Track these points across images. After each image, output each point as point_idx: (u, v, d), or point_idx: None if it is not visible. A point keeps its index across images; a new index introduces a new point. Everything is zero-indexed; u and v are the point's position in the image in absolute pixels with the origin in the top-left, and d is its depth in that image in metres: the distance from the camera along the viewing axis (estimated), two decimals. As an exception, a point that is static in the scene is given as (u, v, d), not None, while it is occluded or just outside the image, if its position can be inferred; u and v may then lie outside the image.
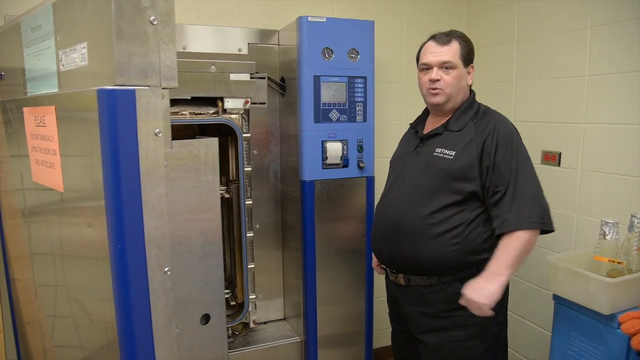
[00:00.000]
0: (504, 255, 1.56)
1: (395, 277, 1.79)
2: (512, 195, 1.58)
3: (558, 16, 2.27)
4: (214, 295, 1.23)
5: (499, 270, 1.56)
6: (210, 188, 1.18)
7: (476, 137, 1.65)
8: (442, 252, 1.64)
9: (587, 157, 2.17)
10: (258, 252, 2.33)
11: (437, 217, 1.65)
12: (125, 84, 1.01)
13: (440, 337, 1.72)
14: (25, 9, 2.04)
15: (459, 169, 1.64)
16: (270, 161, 2.37)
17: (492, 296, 1.54)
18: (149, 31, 1.02)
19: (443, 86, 1.70)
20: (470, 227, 1.65)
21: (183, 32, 2.17)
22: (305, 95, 2.10)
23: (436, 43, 1.72)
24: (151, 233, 1.06)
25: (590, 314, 1.71)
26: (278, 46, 2.30)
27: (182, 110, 2.03)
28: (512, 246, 1.55)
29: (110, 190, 1.02)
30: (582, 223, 2.20)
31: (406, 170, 1.78)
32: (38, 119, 1.30)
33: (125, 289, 1.04)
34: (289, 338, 2.32)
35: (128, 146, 1.01)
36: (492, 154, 1.62)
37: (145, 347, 1.07)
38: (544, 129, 2.38)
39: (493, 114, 1.75)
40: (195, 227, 1.18)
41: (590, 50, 2.12)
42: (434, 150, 1.72)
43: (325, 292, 2.24)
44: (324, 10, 2.57)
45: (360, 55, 2.17)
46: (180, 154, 1.12)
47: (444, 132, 1.74)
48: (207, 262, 1.20)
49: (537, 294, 2.46)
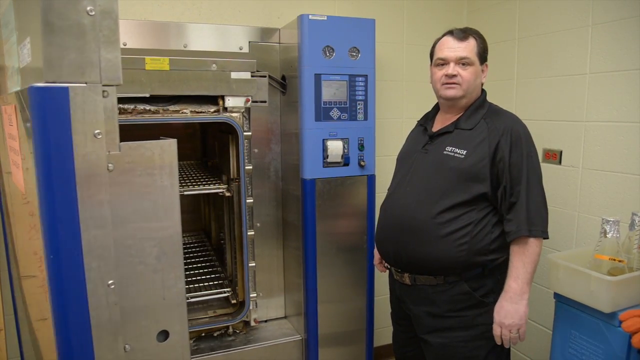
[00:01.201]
0: (522, 273, 1.59)
1: (400, 277, 1.78)
2: (522, 200, 1.59)
3: (559, 14, 2.27)
4: (173, 310, 1.11)
5: (522, 290, 1.60)
6: (167, 194, 1.07)
7: (489, 137, 1.64)
8: (449, 252, 1.63)
9: (588, 155, 2.17)
10: (259, 250, 2.33)
11: (445, 217, 1.63)
12: (56, 81, 0.91)
13: (446, 337, 1.71)
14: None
15: (469, 168, 1.62)
16: (271, 159, 2.37)
17: (525, 316, 1.61)
18: (85, 23, 0.92)
19: (460, 81, 1.70)
20: (479, 227, 1.64)
21: (184, 31, 2.17)
22: (306, 94, 2.10)
23: (454, 38, 1.71)
24: (91, 243, 0.96)
25: (591, 312, 1.71)
26: (279, 44, 2.30)
27: (183, 109, 2.03)
28: (528, 262, 1.59)
29: (42, 196, 0.93)
30: (583, 221, 2.20)
31: (414, 169, 1.76)
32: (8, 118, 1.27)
33: (61, 302, 0.95)
34: (289, 336, 2.32)
35: (61, 148, 0.91)
36: (507, 156, 1.61)
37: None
38: (545, 127, 2.37)
39: (506, 114, 1.73)
40: (149, 236, 1.06)
41: (591, 48, 2.12)
42: (444, 148, 1.70)
43: (326, 291, 2.25)
44: (325, 9, 2.57)
45: (361, 53, 2.17)
46: (129, 156, 1.01)
47: (454, 130, 1.72)
48: (164, 275, 1.08)
49: (538, 292, 2.46)
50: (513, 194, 1.60)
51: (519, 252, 1.60)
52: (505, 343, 1.64)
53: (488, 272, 1.67)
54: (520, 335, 1.63)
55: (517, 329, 1.61)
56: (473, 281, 1.67)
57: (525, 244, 1.59)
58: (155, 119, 2.01)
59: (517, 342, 1.64)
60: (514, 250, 1.61)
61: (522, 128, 1.67)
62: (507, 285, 1.61)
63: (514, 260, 1.61)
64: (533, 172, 1.62)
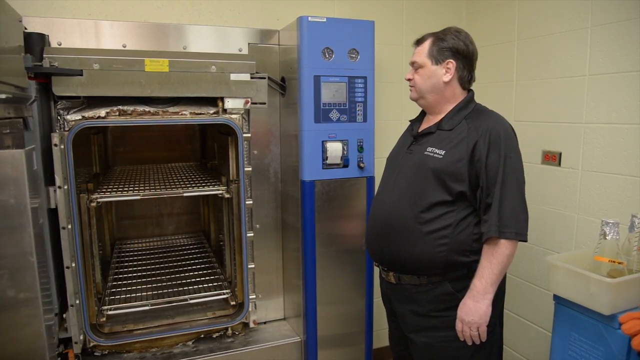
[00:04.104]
0: (487, 273, 1.59)
1: (386, 275, 1.81)
2: (495, 202, 1.58)
3: (558, 15, 2.27)
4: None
5: (486, 289, 1.60)
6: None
7: (467, 137, 1.63)
8: (429, 252, 1.64)
9: (587, 157, 2.17)
10: (258, 252, 2.33)
11: (425, 217, 1.65)
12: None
13: (430, 336, 1.72)
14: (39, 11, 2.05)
15: (446, 168, 1.63)
16: (271, 161, 2.36)
17: (486, 315, 1.61)
18: None
19: (414, 84, 1.77)
20: (459, 227, 1.64)
21: (183, 32, 2.17)
22: (306, 95, 2.09)
23: (414, 44, 1.79)
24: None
25: (590, 315, 1.71)
26: (278, 46, 2.30)
27: (182, 110, 2.03)
28: (495, 263, 1.59)
29: None
30: (582, 223, 2.20)
31: (399, 169, 1.79)
32: None
33: None
34: (288, 338, 2.32)
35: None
36: (484, 157, 1.60)
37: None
38: (544, 128, 2.38)
39: (488, 114, 1.71)
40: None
41: (590, 49, 2.12)
42: (425, 149, 1.72)
43: (325, 292, 2.24)
44: (324, 10, 2.57)
45: (360, 55, 2.17)
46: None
47: (436, 131, 1.74)
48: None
49: (537, 294, 2.45)
50: (489, 195, 1.60)
51: (488, 252, 1.60)
52: (467, 339, 1.65)
53: (472, 274, 1.65)
54: (480, 334, 1.63)
55: (477, 327, 1.62)
56: (456, 282, 1.67)
57: (495, 245, 1.59)
58: (155, 120, 2.01)
59: (478, 341, 1.64)
60: (484, 250, 1.62)
61: (503, 128, 1.64)
62: (472, 284, 1.62)
63: (482, 259, 1.61)
64: (511, 173, 1.59)
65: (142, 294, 2.34)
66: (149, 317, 2.21)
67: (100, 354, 2.11)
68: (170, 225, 3.21)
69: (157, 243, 3.11)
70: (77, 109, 1.89)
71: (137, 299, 2.28)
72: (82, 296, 1.95)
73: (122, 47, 2.08)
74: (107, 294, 2.33)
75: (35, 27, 1.87)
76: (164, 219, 3.19)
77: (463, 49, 1.70)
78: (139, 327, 2.15)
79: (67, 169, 1.84)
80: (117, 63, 1.86)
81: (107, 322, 2.14)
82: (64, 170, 1.83)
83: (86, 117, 1.89)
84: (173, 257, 2.85)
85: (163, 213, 3.18)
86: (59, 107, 1.87)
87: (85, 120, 1.88)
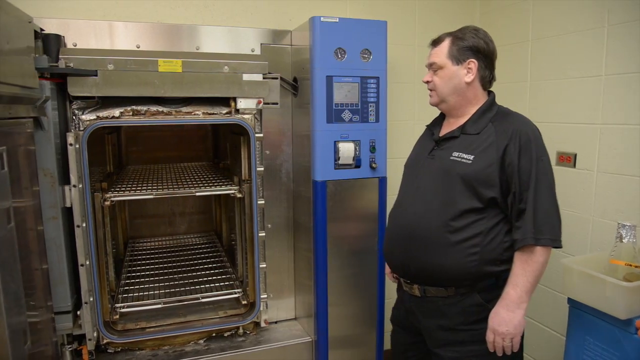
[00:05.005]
0: (522, 282, 1.51)
1: (410, 288, 1.72)
2: (529, 207, 1.52)
3: (574, 15, 2.24)
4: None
5: (520, 299, 1.51)
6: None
7: (497, 141, 1.56)
8: (460, 262, 1.56)
9: (603, 158, 2.13)
10: (270, 251, 2.34)
11: (454, 225, 1.56)
12: None
13: (458, 351, 1.63)
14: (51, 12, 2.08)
15: (476, 174, 1.55)
16: (283, 161, 2.37)
17: (521, 326, 1.53)
18: None
19: (433, 87, 1.69)
20: (490, 235, 1.57)
21: (196, 33, 2.18)
22: (318, 96, 2.09)
23: (430, 45, 1.71)
24: None
25: (606, 319, 1.68)
26: (291, 46, 2.31)
27: (195, 110, 2.05)
28: (530, 271, 1.51)
29: None
30: (597, 226, 2.17)
31: (421, 176, 1.71)
32: None
33: None
34: (299, 338, 2.32)
35: None
36: (516, 161, 1.53)
37: None
38: (559, 129, 2.35)
39: (515, 117, 1.65)
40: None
41: (607, 49, 2.09)
42: (450, 154, 1.63)
43: (336, 293, 2.24)
44: (337, 11, 2.57)
45: (372, 55, 2.16)
46: None
47: (460, 135, 1.65)
48: None
49: (552, 297, 2.43)
50: (522, 200, 1.53)
51: (523, 259, 1.52)
52: (498, 351, 1.55)
53: (502, 283, 1.57)
54: (513, 345, 1.54)
55: (511, 339, 1.53)
56: (486, 292, 1.60)
57: (530, 253, 1.51)
58: (168, 120, 2.02)
59: (510, 352, 1.55)
60: (518, 257, 1.54)
61: (531, 130, 1.58)
62: (505, 292, 1.54)
63: (515, 267, 1.53)
64: (543, 177, 1.53)
65: (155, 292, 2.36)
66: (162, 315, 2.22)
67: (113, 351, 2.13)
68: (182, 224, 3.24)
69: (169, 242, 3.14)
70: (91, 109, 1.92)
71: (149, 297, 2.30)
72: (96, 294, 1.97)
73: (135, 48, 2.10)
74: (120, 291, 2.36)
75: (51, 28, 1.90)
76: (177, 218, 3.21)
77: (484, 47, 1.63)
78: (152, 325, 2.17)
79: (82, 168, 1.86)
80: (131, 63, 1.87)
81: (120, 320, 2.16)
82: (79, 170, 1.85)
83: (100, 117, 1.91)
84: (185, 256, 2.87)
85: (175, 212, 3.20)
86: (74, 107, 1.89)
87: (100, 120, 1.90)
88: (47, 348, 1.71)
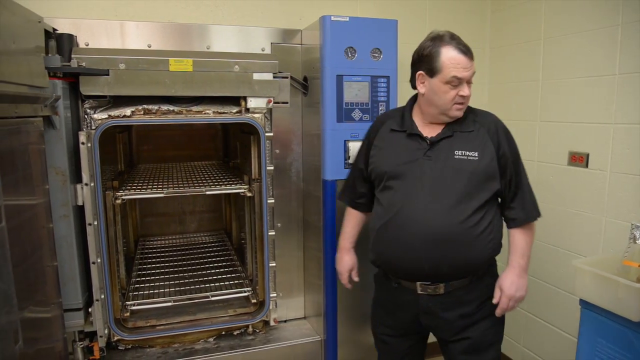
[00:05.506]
0: (527, 252, 1.74)
1: (434, 289, 1.71)
2: (523, 188, 1.72)
3: (587, 13, 2.21)
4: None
5: (526, 266, 1.73)
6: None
7: (489, 136, 1.70)
8: (483, 252, 1.68)
9: (616, 158, 2.11)
10: (279, 250, 2.34)
11: (473, 220, 1.64)
12: None
13: (475, 331, 1.74)
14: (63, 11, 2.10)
15: (485, 168, 1.65)
16: (293, 160, 2.37)
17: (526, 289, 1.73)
18: None
19: (466, 101, 1.67)
20: (495, 221, 1.71)
21: (207, 32, 2.19)
22: (328, 95, 2.09)
23: (466, 57, 1.62)
24: None
25: (618, 321, 1.67)
26: (301, 46, 2.31)
27: (205, 110, 2.06)
28: (530, 242, 1.75)
29: None
30: (610, 226, 2.15)
31: (424, 178, 1.67)
32: None
33: None
34: (309, 337, 2.32)
35: None
36: (507, 150, 1.69)
37: None
38: (571, 129, 2.32)
39: (481, 110, 1.79)
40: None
41: (621, 48, 2.06)
42: (452, 152, 1.66)
43: (345, 292, 2.24)
44: (347, 10, 2.56)
45: (383, 54, 2.15)
46: None
47: (453, 134, 1.69)
48: None
49: (562, 298, 2.40)
50: (517, 184, 1.71)
51: (526, 234, 1.73)
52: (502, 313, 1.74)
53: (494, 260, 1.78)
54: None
55: (520, 301, 1.73)
56: (491, 272, 1.78)
57: (529, 227, 1.74)
58: (179, 119, 2.04)
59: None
60: (520, 232, 1.73)
61: (499, 119, 1.76)
62: (515, 262, 1.72)
63: (520, 240, 1.73)
64: (521, 159, 1.75)
65: (165, 290, 2.37)
66: (172, 313, 2.24)
67: (123, 348, 2.15)
68: (192, 223, 3.26)
69: (179, 240, 3.16)
70: (103, 108, 1.93)
71: (159, 295, 2.31)
72: (107, 291, 1.99)
73: (147, 47, 2.11)
74: (131, 289, 2.37)
75: (64, 28, 1.92)
76: (187, 217, 3.23)
77: None
78: (162, 323, 2.19)
79: (94, 166, 1.88)
80: (142, 63, 1.89)
81: (131, 317, 2.18)
82: (91, 168, 1.87)
83: (112, 116, 1.93)
84: (195, 255, 2.89)
85: (186, 211, 3.22)
86: (86, 106, 1.91)
87: (111, 119, 1.92)
88: (57, 344, 1.72)
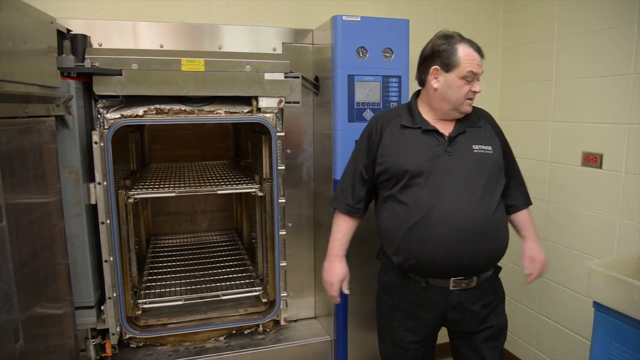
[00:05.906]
0: (534, 226, 1.90)
1: (467, 283, 1.69)
2: (519, 175, 1.89)
3: (602, 11, 2.19)
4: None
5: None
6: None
7: (492, 130, 1.81)
8: (507, 240, 1.75)
9: (631, 159, 2.08)
10: (290, 250, 2.34)
11: (499, 211, 1.72)
12: None
13: (495, 319, 1.78)
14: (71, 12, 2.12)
15: (499, 160, 1.75)
16: (304, 160, 2.37)
17: None
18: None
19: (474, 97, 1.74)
20: (503, 207, 1.78)
21: (218, 32, 2.20)
22: (339, 95, 2.09)
23: (478, 54, 1.67)
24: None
25: (633, 324, 1.64)
26: (312, 45, 2.31)
27: (217, 109, 2.07)
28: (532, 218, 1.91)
29: None
30: (625, 228, 2.12)
31: (449, 173, 1.66)
32: None
33: None
34: (319, 337, 2.33)
35: None
36: (504, 140, 1.84)
37: None
38: (585, 129, 2.30)
39: (479, 108, 1.87)
40: None
41: (636, 47, 2.03)
42: (471, 147, 1.71)
43: (355, 292, 2.23)
44: (359, 9, 2.56)
45: (394, 54, 2.15)
46: None
47: (466, 130, 1.75)
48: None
49: (575, 300, 2.38)
50: (514, 171, 1.87)
51: (529, 215, 1.90)
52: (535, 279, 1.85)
53: None
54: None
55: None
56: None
57: (528, 210, 1.91)
58: (191, 119, 2.05)
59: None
60: (526, 215, 1.89)
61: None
62: (533, 234, 1.88)
63: (527, 220, 1.89)
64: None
65: (176, 289, 2.39)
66: (183, 311, 2.25)
67: (135, 346, 2.17)
68: (203, 222, 3.28)
69: (190, 239, 3.18)
70: (116, 108, 1.95)
71: (171, 294, 2.33)
72: (119, 289, 2.01)
73: (159, 47, 2.13)
74: (143, 287, 2.39)
75: (78, 28, 1.94)
76: (198, 216, 3.25)
77: None
78: (173, 321, 2.20)
79: (107, 165, 1.89)
80: (154, 63, 1.90)
81: (143, 315, 2.20)
82: (104, 167, 1.88)
83: (125, 116, 1.94)
84: (206, 254, 2.90)
85: (197, 210, 3.24)
86: (99, 106, 1.93)
87: (124, 119, 1.94)
88: (68, 341, 1.74)
